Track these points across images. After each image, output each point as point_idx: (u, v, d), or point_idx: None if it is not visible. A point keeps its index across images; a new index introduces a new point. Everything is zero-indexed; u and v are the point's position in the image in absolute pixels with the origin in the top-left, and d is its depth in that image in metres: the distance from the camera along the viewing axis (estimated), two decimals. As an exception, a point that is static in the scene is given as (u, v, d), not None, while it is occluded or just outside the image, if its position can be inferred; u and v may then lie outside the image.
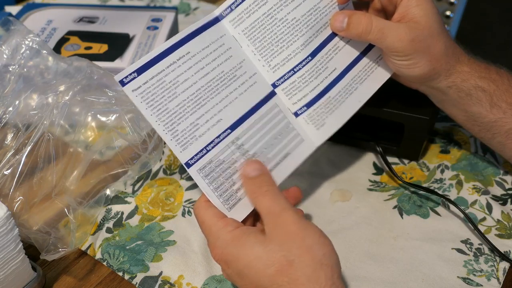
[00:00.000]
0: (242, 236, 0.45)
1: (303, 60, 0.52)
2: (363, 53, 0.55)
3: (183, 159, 0.46)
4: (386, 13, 0.56)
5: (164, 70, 0.45)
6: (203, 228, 0.47)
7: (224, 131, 0.48)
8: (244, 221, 0.49)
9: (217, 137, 0.48)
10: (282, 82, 0.52)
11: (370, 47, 0.55)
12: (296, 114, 0.53)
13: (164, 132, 0.45)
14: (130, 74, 0.44)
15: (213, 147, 0.47)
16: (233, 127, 0.49)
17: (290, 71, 0.52)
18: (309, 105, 0.53)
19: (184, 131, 0.46)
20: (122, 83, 0.44)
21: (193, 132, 0.47)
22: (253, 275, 0.43)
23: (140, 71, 0.44)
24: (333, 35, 0.54)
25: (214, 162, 0.48)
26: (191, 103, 0.46)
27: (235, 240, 0.44)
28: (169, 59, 0.45)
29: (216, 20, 0.49)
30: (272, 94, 0.51)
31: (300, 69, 0.52)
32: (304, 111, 0.53)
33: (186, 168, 0.46)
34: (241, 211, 0.49)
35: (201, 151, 0.47)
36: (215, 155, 0.48)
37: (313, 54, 0.53)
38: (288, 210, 0.45)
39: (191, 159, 0.47)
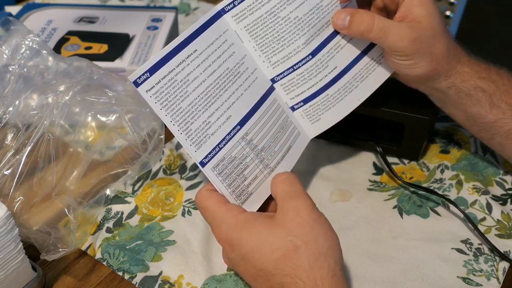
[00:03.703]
0: (246, 221, 0.45)
1: (304, 59, 0.52)
2: (364, 52, 0.55)
3: (198, 158, 0.46)
4: (388, 12, 0.56)
5: (174, 69, 0.45)
6: (206, 215, 0.48)
7: (234, 128, 0.48)
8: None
9: (228, 134, 0.48)
10: (281, 78, 0.52)
11: (371, 45, 0.56)
12: (293, 109, 0.54)
13: (179, 132, 0.46)
14: (143, 74, 0.44)
15: (225, 144, 0.48)
16: (242, 123, 0.49)
17: (289, 68, 0.52)
18: (306, 101, 0.54)
19: (198, 130, 0.46)
20: (136, 83, 0.44)
21: (206, 130, 0.47)
22: (257, 259, 0.44)
23: (152, 70, 0.44)
24: (335, 33, 0.54)
25: (226, 159, 0.48)
26: (202, 101, 0.47)
27: (240, 224, 0.45)
28: (179, 58, 0.45)
29: (219, 15, 0.49)
30: (271, 89, 0.52)
31: (299, 67, 0.52)
32: (301, 106, 0.54)
33: (201, 167, 0.47)
34: (252, 205, 0.50)
35: (214, 149, 0.47)
36: (227, 152, 0.48)
37: (314, 52, 0.53)
38: (303, 197, 0.46)
39: (205, 157, 0.47)
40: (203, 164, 0.47)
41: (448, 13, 1.26)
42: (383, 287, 0.51)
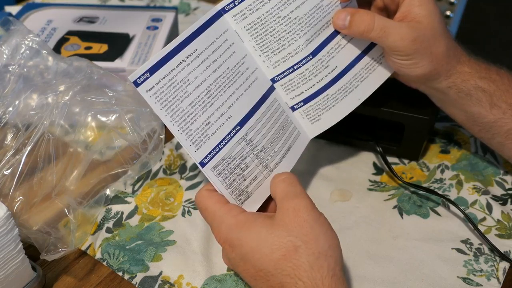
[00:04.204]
0: (246, 221, 0.45)
1: (304, 59, 0.52)
2: (365, 52, 0.55)
3: (197, 158, 0.46)
4: (388, 12, 0.56)
5: (175, 68, 0.45)
6: (206, 215, 0.48)
7: (234, 128, 0.48)
8: None
9: (227, 134, 0.48)
10: (281, 78, 0.52)
11: (371, 45, 0.56)
12: (293, 109, 0.54)
13: (179, 132, 0.45)
14: (143, 74, 0.44)
15: (224, 145, 0.48)
16: (242, 123, 0.49)
17: (290, 68, 0.52)
18: (306, 101, 0.54)
19: (198, 130, 0.46)
20: (136, 83, 0.43)
21: (205, 130, 0.47)
22: (257, 259, 0.44)
23: (152, 70, 0.44)
24: (336, 33, 0.54)
25: (226, 159, 0.48)
26: (202, 101, 0.47)
27: (240, 224, 0.45)
28: (179, 58, 0.45)
29: (219, 14, 0.49)
30: (271, 89, 0.52)
31: (300, 67, 0.52)
32: (301, 106, 0.54)
33: (200, 168, 0.47)
34: (252, 206, 0.50)
35: (214, 149, 0.47)
36: (227, 153, 0.48)
37: (314, 52, 0.53)
38: (303, 197, 0.46)
39: (205, 157, 0.47)
40: (203, 164, 0.47)
41: (448, 13, 1.26)
42: (383, 287, 0.51)
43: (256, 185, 0.50)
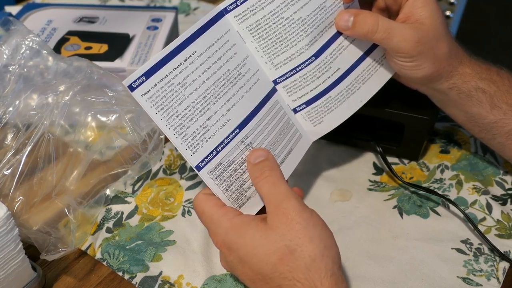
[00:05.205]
0: (242, 224, 0.45)
1: (306, 60, 0.52)
2: (367, 53, 0.55)
3: (193, 162, 0.45)
4: (390, 13, 0.56)
5: (172, 72, 0.44)
6: (204, 219, 0.47)
7: (233, 131, 0.47)
8: None
9: (226, 138, 0.47)
10: (284, 80, 0.52)
11: (373, 47, 0.55)
12: (295, 111, 0.53)
13: (174, 136, 0.44)
14: (139, 78, 0.42)
15: (223, 148, 0.47)
16: (241, 126, 0.48)
17: (292, 70, 0.52)
18: (308, 103, 0.53)
19: (194, 134, 0.45)
20: (131, 88, 0.42)
21: (203, 134, 0.46)
22: (255, 262, 0.43)
23: (148, 74, 0.43)
24: (338, 34, 0.53)
25: (224, 163, 0.47)
26: (200, 104, 0.45)
27: (235, 228, 0.45)
28: (177, 60, 0.44)
29: (221, 14, 0.48)
30: (273, 91, 0.51)
31: (302, 68, 0.52)
32: (303, 108, 0.53)
33: (197, 171, 0.46)
34: (251, 209, 0.49)
35: (211, 152, 0.46)
36: (225, 156, 0.47)
37: (317, 54, 0.52)
38: (289, 198, 0.44)
39: (202, 161, 0.46)
40: (199, 168, 0.46)
41: (448, 13, 1.26)
42: (383, 287, 0.51)
43: (255, 189, 0.49)
